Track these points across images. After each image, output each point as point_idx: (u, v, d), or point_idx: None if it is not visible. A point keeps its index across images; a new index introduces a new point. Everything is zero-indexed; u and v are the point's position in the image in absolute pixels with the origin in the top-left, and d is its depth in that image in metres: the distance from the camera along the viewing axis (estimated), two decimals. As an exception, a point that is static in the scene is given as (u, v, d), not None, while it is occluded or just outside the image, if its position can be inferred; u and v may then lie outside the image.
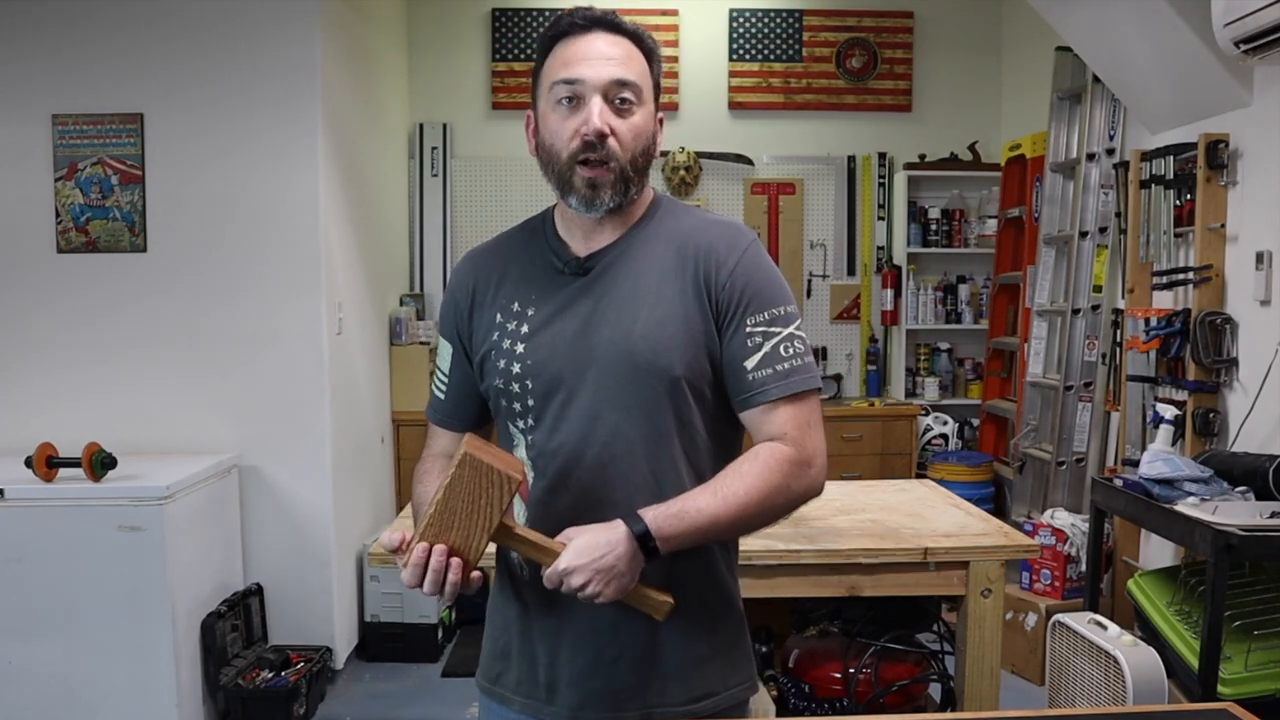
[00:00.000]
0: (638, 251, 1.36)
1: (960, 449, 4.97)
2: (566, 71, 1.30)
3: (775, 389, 1.30)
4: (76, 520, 2.93)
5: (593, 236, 1.37)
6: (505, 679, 1.42)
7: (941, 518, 2.45)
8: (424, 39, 5.03)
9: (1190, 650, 2.54)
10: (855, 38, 5.12)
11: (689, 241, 1.35)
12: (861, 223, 5.19)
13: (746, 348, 1.31)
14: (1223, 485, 2.67)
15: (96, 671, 2.97)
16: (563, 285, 1.36)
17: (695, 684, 1.37)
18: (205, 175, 3.47)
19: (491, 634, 1.46)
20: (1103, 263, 4.05)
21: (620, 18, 1.34)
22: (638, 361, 1.30)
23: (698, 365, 1.31)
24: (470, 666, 3.88)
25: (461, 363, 1.44)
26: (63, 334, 3.47)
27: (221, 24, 3.45)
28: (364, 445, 4.06)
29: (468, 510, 1.22)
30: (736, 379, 1.32)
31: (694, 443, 1.34)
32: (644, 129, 1.33)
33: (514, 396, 1.35)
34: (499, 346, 1.36)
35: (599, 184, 1.30)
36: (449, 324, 1.45)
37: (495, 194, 5.02)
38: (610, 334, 1.31)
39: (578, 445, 1.31)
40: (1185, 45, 3.08)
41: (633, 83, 1.30)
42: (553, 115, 1.31)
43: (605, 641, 1.34)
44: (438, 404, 1.49)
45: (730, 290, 1.31)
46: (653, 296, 1.32)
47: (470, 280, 1.43)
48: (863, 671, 2.33)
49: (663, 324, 1.31)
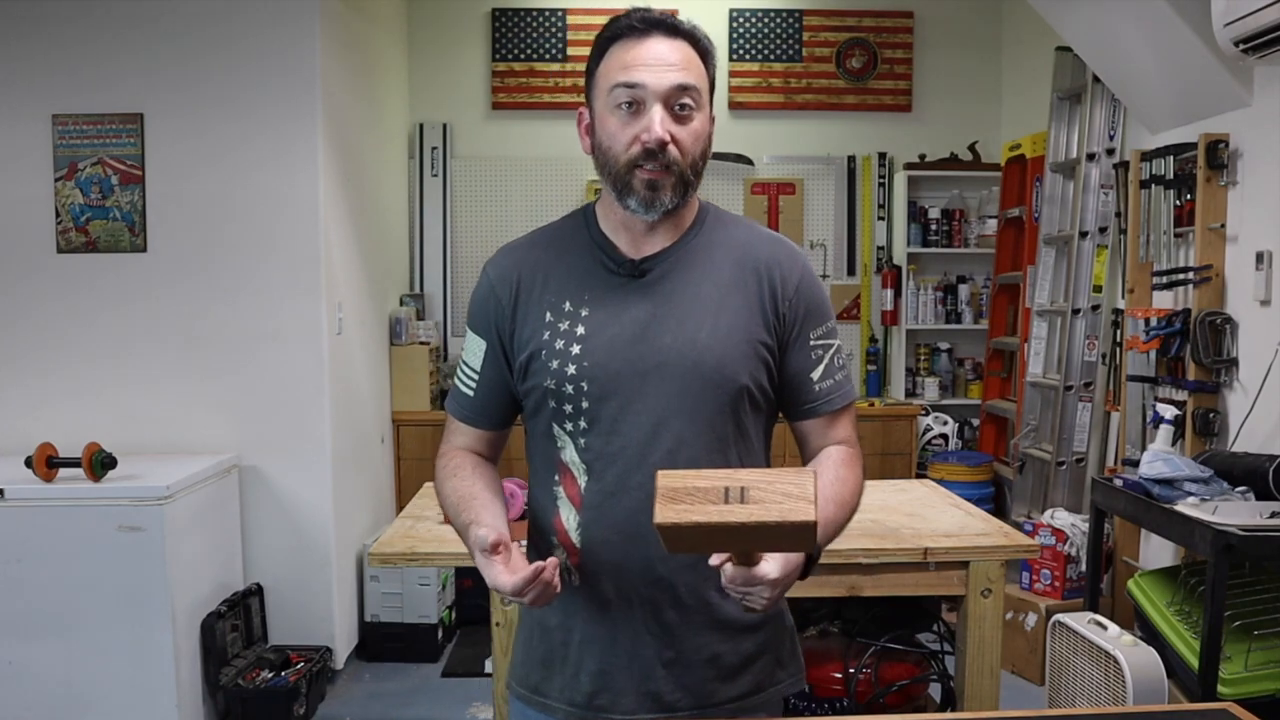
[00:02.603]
0: (695, 260, 1.36)
1: (960, 449, 4.97)
2: (626, 75, 1.28)
3: (838, 399, 1.40)
4: (76, 520, 2.93)
5: (642, 241, 1.36)
6: (547, 687, 1.40)
7: (941, 518, 2.45)
8: (424, 39, 5.02)
9: (1190, 650, 2.54)
10: (855, 38, 5.12)
11: (749, 254, 1.37)
12: (861, 223, 5.19)
13: (810, 360, 1.38)
14: (1223, 485, 2.67)
15: (96, 671, 2.97)
16: (617, 286, 1.35)
17: (745, 682, 1.39)
18: (205, 175, 3.47)
19: (528, 640, 1.44)
20: (1103, 263, 4.05)
21: (678, 19, 1.33)
22: (704, 370, 1.31)
23: (758, 376, 1.35)
24: (470, 667, 3.91)
25: (496, 360, 1.40)
26: (63, 334, 3.46)
27: (221, 24, 3.44)
28: (364, 445, 4.06)
29: (751, 538, 1.12)
30: (802, 389, 1.38)
31: (749, 450, 1.38)
32: (703, 132, 1.32)
33: (566, 398, 1.33)
34: (550, 346, 1.34)
35: (659, 185, 1.29)
36: (485, 319, 1.40)
37: (495, 194, 5.01)
38: (673, 341, 1.31)
39: (639, 450, 1.31)
40: (1185, 45, 3.08)
41: (693, 87, 1.30)
42: (611, 119, 1.30)
43: (661, 646, 1.34)
44: (464, 399, 1.44)
45: (795, 306, 1.36)
46: (716, 306, 1.33)
47: (513, 275, 1.39)
48: (863, 671, 2.33)
49: (729, 334, 1.33)
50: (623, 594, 1.33)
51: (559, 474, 1.36)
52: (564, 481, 1.35)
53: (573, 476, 1.34)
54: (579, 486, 1.34)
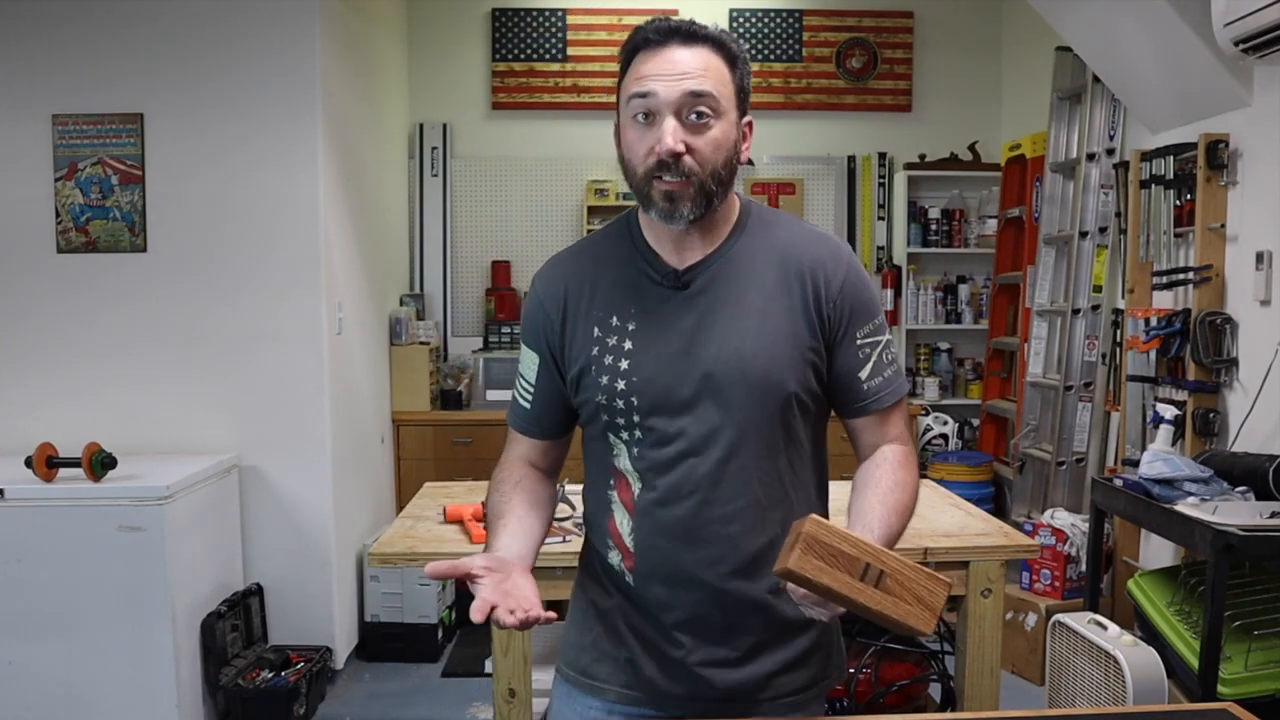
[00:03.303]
0: (738, 266, 1.35)
1: (960, 449, 4.97)
2: (639, 85, 1.28)
3: (888, 396, 1.40)
4: (76, 520, 2.93)
5: (684, 247, 1.35)
6: (597, 669, 1.42)
7: (941, 518, 2.45)
8: (424, 39, 5.02)
9: (1190, 650, 2.54)
10: (855, 38, 5.12)
11: (791, 256, 1.36)
12: (861, 223, 5.19)
13: (858, 359, 1.37)
14: (1223, 485, 2.67)
15: (96, 671, 2.97)
16: (662, 299, 1.35)
17: (800, 677, 1.41)
18: (205, 175, 3.47)
19: (581, 621, 1.45)
20: (1103, 263, 4.05)
21: (700, 25, 1.30)
22: (751, 379, 1.31)
23: (805, 380, 1.35)
24: (470, 667, 3.91)
25: (550, 374, 1.42)
26: (63, 334, 3.46)
27: (221, 24, 3.44)
28: (364, 445, 4.06)
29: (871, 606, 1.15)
30: (850, 389, 1.38)
31: (799, 453, 1.39)
32: (724, 141, 1.29)
33: (617, 412, 1.34)
34: (600, 362, 1.35)
35: (676, 196, 1.28)
36: (536, 334, 1.42)
37: (495, 194, 5.01)
38: (719, 351, 1.31)
39: (690, 460, 1.32)
40: (1185, 45, 3.08)
41: (708, 94, 1.27)
42: (630, 130, 1.30)
43: (714, 645, 1.36)
44: (522, 412, 1.46)
45: (840, 306, 1.35)
46: (760, 313, 1.33)
47: (560, 290, 1.40)
48: (863, 671, 2.33)
49: (774, 341, 1.32)
50: (674, 596, 1.35)
51: (614, 479, 1.38)
52: (618, 486, 1.37)
53: (627, 483, 1.36)
54: (633, 493, 1.36)
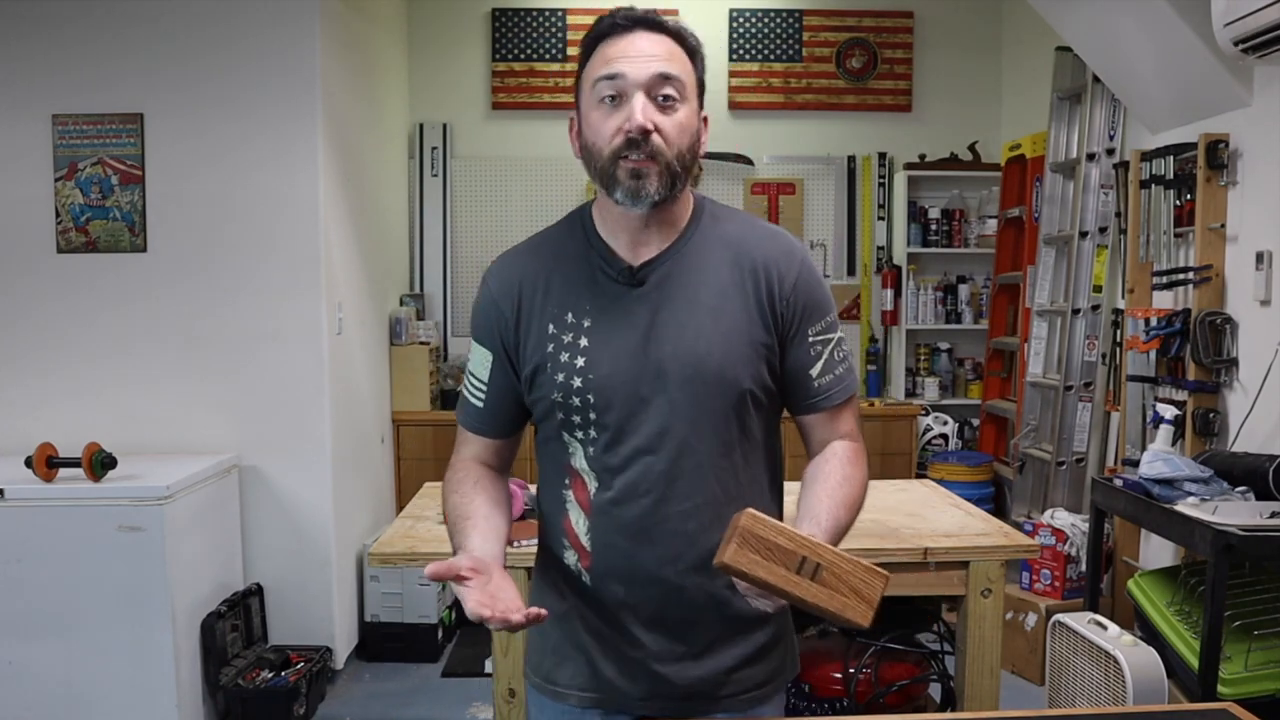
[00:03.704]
0: (692, 262, 1.35)
1: (960, 449, 4.97)
2: (608, 68, 1.29)
3: (838, 394, 1.39)
4: (76, 520, 2.93)
5: (640, 243, 1.35)
6: (558, 675, 1.42)
7: (941, 518, 2.45)
8: (424, 39, 5.02)
9: (1190, 650, 2.54)
10: (855, 38, 5.12)
11: (745, 253, 1.36)
12: (861, 223, 5.19)
13: (809, 357, 1.38)
14: (1223, 485, 2.67)
15: (96, 671, 2.97)
16: (617, 295, 1.35)
17: (758, 672, 1.41)
18: (205, 175, 3.47)
19: (541, 630, 1.43)
20: (1103, 263, 4.05)
21: (663, 17, 1.33)
22: (706, 377, 1.31)
23: (760, 376, 1.35)
24: (470, 667, 3.91)
25: (504, 371, 1.40)
26: (63, 334, 3.46)
27: (221, 24, 3.44)
28: (364, 445, 4.06)
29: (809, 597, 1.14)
30: (802, 386, 1.38)
31: (753, 449, 1.38)
32: (688, 125, 1.32)
33: (573, 409, 1.34)
34: (555, 359, 1.34)
35: (643, 174, 1.28)
36: (489, 331, 1.41)
37: (495, 194, 5.01)
38: (674, 348, 1.32)
39: (645, 458, 1.32)
40: (1185, 45, 3.08)
41: (676, 77, 1.30)
42: (595, 113, 1.31)
43: (672, 642, 1.36)
44: (474, 411, 1.45)
45: (793, 304, 1.36)
46: (714, 310, 1.33)
47: (514, 286, 1.39)
48: (863, 671, 2.33)
49: (728, 337, 1.33)
50: (632, 594, 1.35)
51: (569, 478, 1.37)
52: (574, 486, 1.37)
53: (583, 482, 1.36)
54: (589, 492, 1.35)
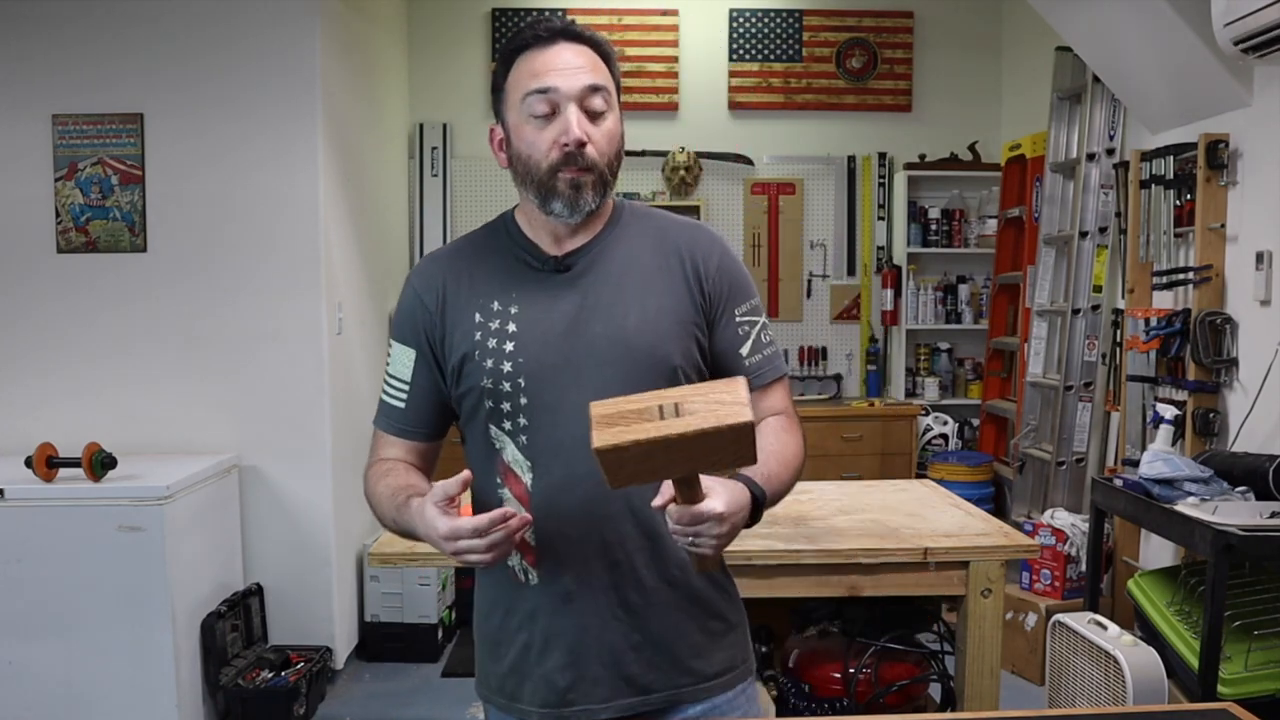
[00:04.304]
0: (616, 250, 1.39)
1: (960, 449, 4.97)
2: (538, 82, 1.31)
3: (769, 372, 1.43)
4: (76, 520, 2.93)
5: (563, 239, 1.38)
6: (519, 692, 1.39)
7: (941, 518, 2.45)
8: (424, 39, 5.02)
9: (1190, 650, 2.54)
10: (855, 38, 5.12)
11: (668, 239, 1.41)
12: (861, 223, 5.19)
13: (738, 336, 1.41)
14: (1223, 485, 2.67)
15: (96, 671, 2.97)
16: (543, 282, 1.37)
17: (719, 659, 1.40)
18: (205, 175, 3.47)
19: (493, 650, 1.42)
20: (1103, 263, 4.05)
21: (580, 27, 1.36)
22: (637, 355, 1.33)
23: (690, 354, 1.37)
24: (470, 667, 3.86)
25: (427, 368, 1.41)
26: (63, 334, 3.46)
27: (221, 24, 3.44)
28: (364, 445, 4.00)
29: (684, 458, 1.10)
30: (732, 365, 1.40)
31: None
32: (616, 132, 1.36)
33: (504, 396, 1.34)
34: (483, 346, 1.35)
35: (581, 184, 1.32)
36: (412, 328, 1.41)
37: (495, 194, 5.01)
38: (604, 328, 1.34)
39: (583, 440, 1.27)
40: (1185, 45, 3.08)
41: (603, 88, 1.33)
42: (527, 127, 1.33)
43: (628, 629, 1.35)
44: (394, 413, 1.45)
45: (719, 283, 1.40)
46: (642, 291, 1.36)
47: (438, 281, 1.40)
48: (863, 671, 2.33)
49: (656, 316, 1.35)
50: (584, 583, 1.34)
51: (501, 475, 1.36)
52: (508, 482, 1.36)
53: (516, 475, 1.35)
54: (524, 484, 1.34)
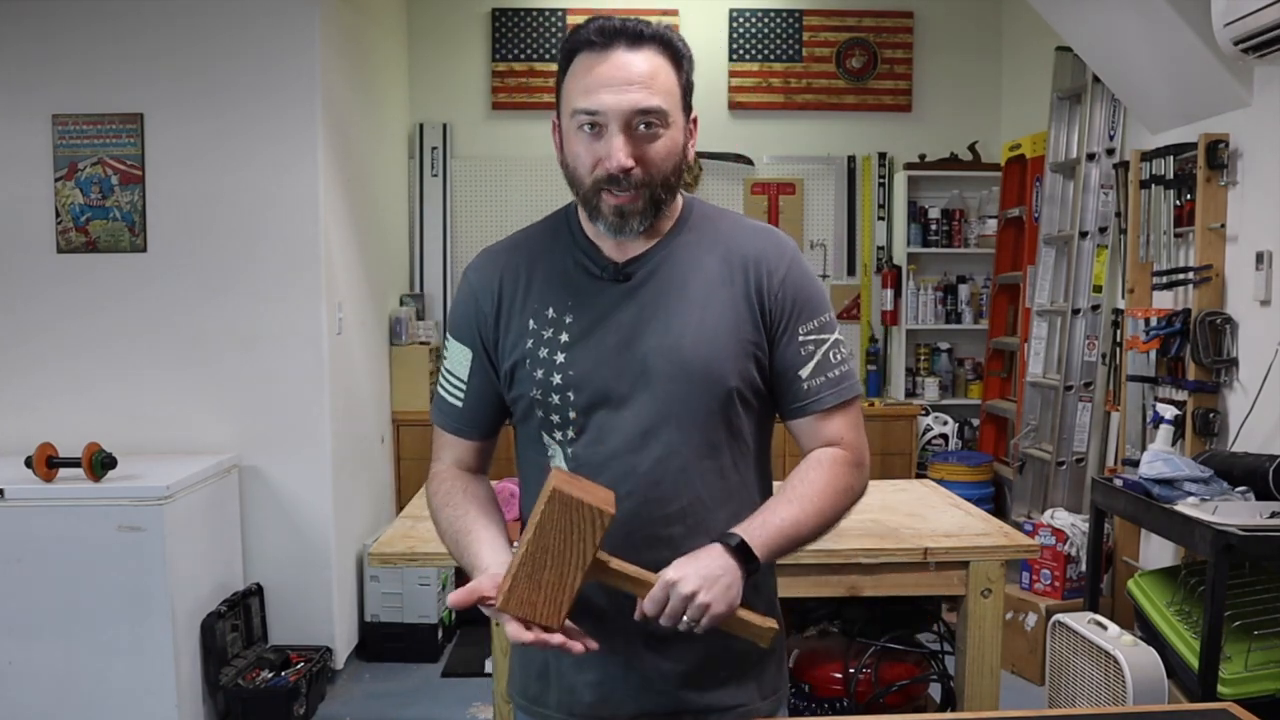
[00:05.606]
0: (680, 258, 1.31)
1: (960, 449, 4.97)
2: (586, 101, 1.23)
3: (830, 397, 1.33)
4: (76, 520, 2.93)
5: (626, 241, 1.31)
6: (545, 697, 1.38)
7: (941, 518, 2.45)
8: (424, 39, 5.02)
9: (1190, 650, 2.54)
10: (855, 38, 5.12)
11: (734, 250, 1.32)
12: (861, 223, 5.18)
13: (800, 357, 1.32)
14: (1223, 485, 2.67)
15: (96, 671, 2.97)
16: (601, 291, 1.30)
17: (749, 690, 1.36)
18: (205, 175, 3.47)
19: (523, 654, 1.40)
20: (1103, 263, 4.05)
21: (644, 24, 1.25)
22: (692, 374, 1.27)
23: (748, 375, 1.30)
24: (470, 667, 3.91)
25: (483, 369, 1.36)
26: (63, 334, 3.46)
27: (222, 24, 3.44)
28: (364, 445, 4.06)
29: (560, 549, 1.15)
30: (790, 387, 1.33)
31: (742, 451, 1.34)
32: (673, 148, 1.26)
33: (553, 408, 1.29)
34: (535, 355, 1.30)
35: (627, 211, 1.25)
36: (468, 328, 1.36)
37: (495, 194, 5.01)
38: (659, 344, 1.27)
39: (629, 459, 1.27)
40: (1185, 45, 3.08)
41: (656, 108, 1.23)
42: (575, 138, 1.26)
43: (658, 656, 1.31)
44: (452, 411, 1.39)
45: (782, 299, 1.31)
46: (700, 306, 1.29)
47: (494, 282, 1.34)
48: (863, 671, 2.33)
49: (715, 334, 1.28)
50: (616, 604, 1.29)
51: None
52: None
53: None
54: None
